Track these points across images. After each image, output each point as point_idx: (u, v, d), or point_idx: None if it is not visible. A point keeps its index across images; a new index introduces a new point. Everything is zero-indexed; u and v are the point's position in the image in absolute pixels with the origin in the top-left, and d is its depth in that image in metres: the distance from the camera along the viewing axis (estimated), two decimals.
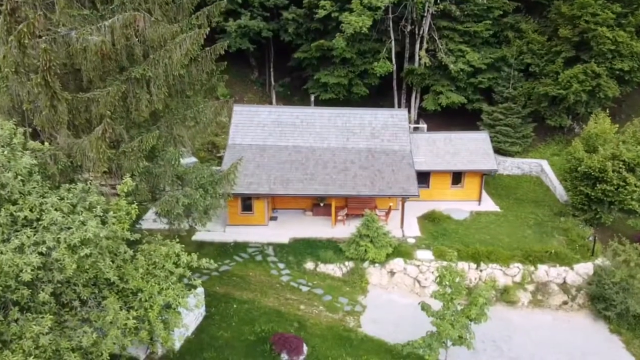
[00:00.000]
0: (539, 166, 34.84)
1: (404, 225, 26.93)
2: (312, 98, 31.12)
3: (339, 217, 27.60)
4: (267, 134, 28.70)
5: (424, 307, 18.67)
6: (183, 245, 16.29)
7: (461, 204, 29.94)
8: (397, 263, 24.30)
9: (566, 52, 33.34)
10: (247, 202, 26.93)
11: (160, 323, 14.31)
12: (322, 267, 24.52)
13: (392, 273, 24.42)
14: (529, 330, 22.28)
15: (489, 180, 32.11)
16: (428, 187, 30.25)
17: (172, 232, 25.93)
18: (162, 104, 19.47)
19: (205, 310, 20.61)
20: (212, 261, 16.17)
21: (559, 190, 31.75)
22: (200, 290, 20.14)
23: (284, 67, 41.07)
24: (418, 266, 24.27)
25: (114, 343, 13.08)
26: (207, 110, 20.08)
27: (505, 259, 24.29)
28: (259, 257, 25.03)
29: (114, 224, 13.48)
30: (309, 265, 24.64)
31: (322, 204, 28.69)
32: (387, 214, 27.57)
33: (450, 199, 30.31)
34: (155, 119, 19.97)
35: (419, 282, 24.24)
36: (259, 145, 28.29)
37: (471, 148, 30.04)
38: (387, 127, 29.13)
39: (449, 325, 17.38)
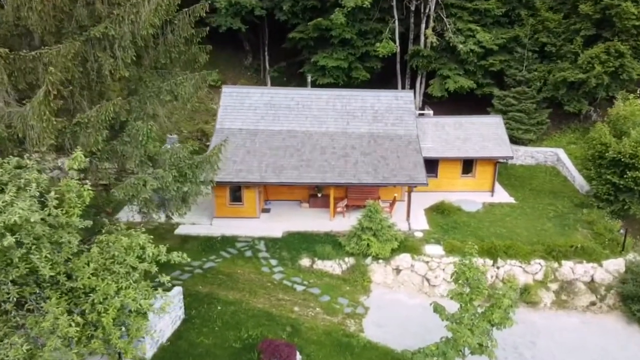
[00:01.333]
0: (554, 155, 32.16)
1: (410, 217, 24.24)
2: (309, 79, 28.58)
3: (338, 209, 24.92)
4: (259, 117, 26.03)
5: (437, 308, 15.97)
6: (152, 237, 13.57)
7: (472, 195, 27.29)
8: (403, 259, 21.62)
9: (586, 30, 30.63)
10: (236, 192, 24.24)
11: (117, 330, 11.60)
12: (320, 264, 21.85)
13: (397, 270, 21.74)
14: (553, 335, 19.61)
15: (501, 170, 29.40)
16: (436, 176, 27.58)
17: (148, 224, 23.47)
18: (135, 75, 17.01)
19: (184, 312, 17.93)
20: (184, 255, 13.45)
21: (579, 181, 29.05)
22: (177, 289, 17.50)
23: (280, 50, 38.36)
24: (427, 262, 21.59)
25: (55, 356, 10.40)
26: (187, 83, 17.38)
27: (525, 255, 21.61)
28: (248, 253, 22.36)
29: (57, 207, 10.82)
30: (305, 261, 21.97)
31: (319, 195, 26.01)
32: (392, 205, 24.91)
33: (461, 190, 27.65)
34: (129, 93, 17.45)
35: (428, 280, 21.56)
36: (250, 130, 25.62)
37: (484, 133, 27.37)
38: (391, 109, 26.45)
39: (468, 331, 14.69)
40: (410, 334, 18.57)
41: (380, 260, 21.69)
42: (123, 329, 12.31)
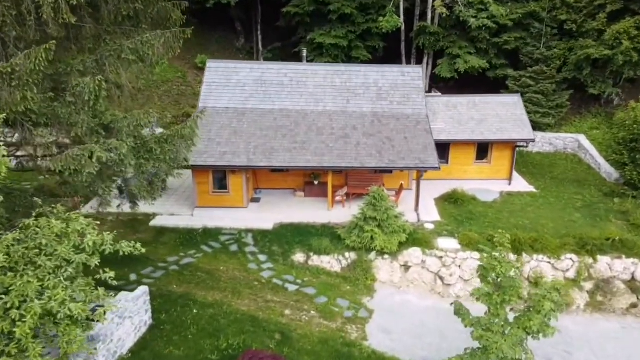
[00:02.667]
0: (575, 142, 29.17)
1: (419, 207, 21.23)
2: (304, 53, 25.64)
3: (337, 198, 21.91)
4: (247, 95, 23.03)
5: (460, 311, 12.99)
6: (97, 223, 10.58)
7: (487, 184, 24.33)
8: (412, 254, 18.61)
9: (612, 4, 27.62)
10: (220, 178, 21.22)
11: (38, 345, 8.57)
12: (316, 260, 18.85)
13: (406, 267, 18.74)
14: (591, 343, 16.61)
15: (517, 158, 26.33)
16: (447, 162, 24.60)
17: (122, 215, 20.45)
18: (91, 31, 14.00)
19: (151, 317, 14.89)
20: (138, 245, 10.50)
21: (605, 168, 26.08)
22: (142, 290, 14.47)
23: (274, 30, 35.38)
24: (440, 258, 18.57)
25: None
26: (155, 42, 14.31)
27: (555, 249, 18.60)
28: (233, 247, 19.35)
29: None
30: (299, 257, 18.96)
31: (316, 182, 23.00)
32: (398, 194, 21.91)
33: (474, 178, 24.66)
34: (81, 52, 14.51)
35: (441, 278, 18.55)
36: (237, 109, 22.62)
37: (501, 114, 24.37)
38: (396, 87, 23.45)
39: (502, 340, 11.71)
40: (424, 342, 15.58)
41: (386, 256, 18.68)
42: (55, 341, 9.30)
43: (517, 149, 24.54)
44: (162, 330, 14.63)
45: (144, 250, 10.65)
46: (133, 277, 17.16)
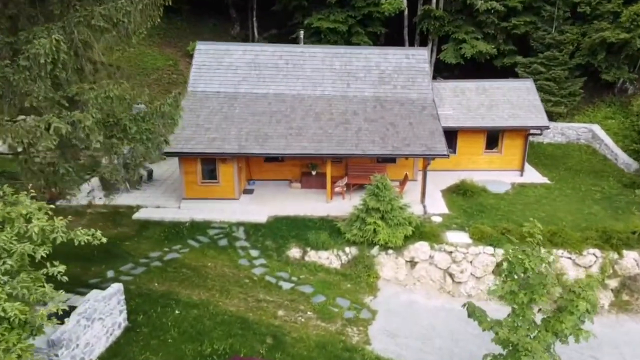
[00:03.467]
0: (589, 132, 27.49)
1: (425, 199, 19.54)
2: (301, 35, 23.98)
3: (337, 189, 20.22)
4: (240, 78, 21.35)
5: (475, 312, 11.31)
6: (52, 206, 8.88)
7: (498, 175, 22.66)
8: (419, 249, 16.93)
9: None
10: (210, 168, 19.51)
11: None
12: (313, 255, 17.18)
13: (412, 263, 17.05)
14: (620, 347, 14.94)
15: (528, 149, 24.64)
16: (454, 152, 22.90)
17: (104, 207, 18.80)
18: None
19: (126, 319, 13.19)
20: (98, 234, 8.80)
21: (623, 159, 24.43)
22: (115, 287, 12.79)
23: (270, 16, 33.68)
24: (450, 253, 16.88)
25: None
26: (131, 8, 12.62)
27: (576, 243, 16.92)
28: (223, 242, 17.66)
29: None
30: (294, 252, 17.29)
31: (313, 172, 21.32)
32: (402, 185, 20.22)
33: (484, 168, 22.98)
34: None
35: (451, 276, 16.86)
36: (229, 93, 20.93)
37: (513, 99, 22.70)
38: (400, 70, 21.77)
39: (536, 344, 10.06)
40: (433, 347, 13.90)
41: (390, 251, 17.00)
42: None
43: (530, 137, 22.83)
44: (138, 333, 12.94)
45: (104, 240, 8.94)
46: (110, 274, 15.47)
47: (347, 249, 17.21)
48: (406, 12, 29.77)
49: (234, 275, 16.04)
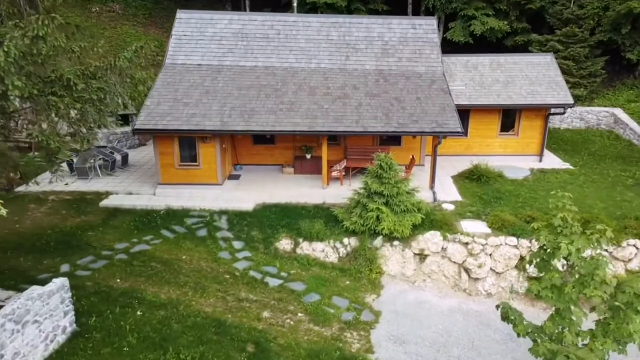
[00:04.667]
0: (610, 116, 25.08)
1: (434, 185, 17.13)
2: (295, 3, 21.57)
3: (334, 173, 17.81)
4: (225, 50, 18.94)
5: (508, 313, 8.96)
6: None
7: (514, 160, 20.28)
8: (430, 239, 14.50)
9: None
10: (189, 148, 17.09)
11: None
12: (306, 247, 14.77)
13: (422, 256, 14.63)
14: None
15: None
16: (466, 134, 20.50)
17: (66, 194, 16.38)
18: None
19: (74, 321, 10.74)
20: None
21: None
22: (57, 283, 10.33)
23: None
24: (466, 244, 14.46)
25: None
26: None
27: (612, 233, 14.45)
28: (202, 232, 15.25)
29: None
30: (284, 243, 14.89)
31: (308, 156, 18.91)
32: (409, 168, 17.82)
33: (498, 153, 20.59)
34: None
35: (467, 271, 14.43)
36: (213, 66, 18.52)
37: (531, 75, 20.29)
38: (406, 41, 19.36)
39: (588, 355, 7.68)
40: (450, 356, 11.46)
41: (396, 242, 14.58)
42: None
43: (549, 119, 20.43)
44: (88, 339, 10.49)
45: (4, 213, 6.44)
46: (65, 268, 13.07)
47: (345, 240, 14.79)
48: None
49: (212, 270, 13.61)
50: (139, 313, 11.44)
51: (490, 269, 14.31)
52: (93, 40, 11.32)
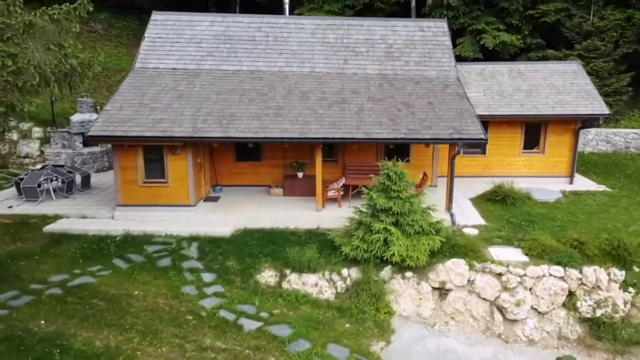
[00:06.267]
0: None
1: (452, 206, 14.14)
2: (287, 4, 19.26)
3: (331, 193, 14.85)
4: (204, 53, 16.41)
5: None
6: None
7: (540, 182, 17.38)
8: (453, 269, 11.37)
9: None
10: (154, 160, 14.16)
11: None
12: (294, 280, 11.64)
13: (443, 291, 11.45)
14: None
15: None
16: (483, 152, 17.73)
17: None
18: None
19: None
20: None
21: None
22: None
23: (254, 7, 29.15)
24: (499, 276, 11.32)
25: None
26: None
27: None
28: (164, 261, 12.14)
29: None
30: (267, 276, 11.76)
31: (300, 174, 16.00)
32: (419, 187, 14.85)
33: (521, 174, 17.73)
34: None
35: (502, 310, 11.23)
36: (189, 70, 15.91)
37: (557, 84, 17.70)
38: (413, 44, 16.87)
39: None
40: None
41: (410, 272, 11.46)
42: None
43: (582, 129, 17.71)
44: None
45: None
46: None
47: (344, 271, 11.67)
48: (414, 3, 25.30)
49: (171, 309, 10.42)
50: None
51: (532, 307, 11.12)
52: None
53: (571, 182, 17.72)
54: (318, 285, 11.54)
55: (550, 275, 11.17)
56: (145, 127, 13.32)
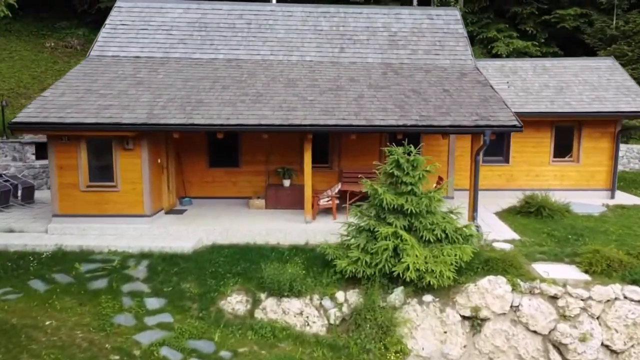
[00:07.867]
0: None
1: (476, 216, 11.14)
2: None
3: (323, 201, 11.87)
4: (175, 41, 13.84)
5: None
6: None
7: (575, 195, 14.40)
8: (490, 290, 8.25)
9: None
10: (100, 158, 11.22)
11: None
12: (272, 308, 8.50)
13: (477, 321, 8.27)
14: None
15: None
16: (507, 160, 14.90)
17: None
18: None
19: None
20: None
21: None
22: None
23: None
24: (554, 299, 8.18)
25: None
26: None
27: None
28: (98, 283, 9.03)
29: None
30: (234, 301, 8.64)
31: (287, 182, 13.05)
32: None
33: (552, 187, 14.75)
34: None
35: (559, 348, 8.03)
36: (155, 58, 13.29)
37: (591, 80, 15.07)
38: (421, 32, 14.37)
39: None
40: None
41: (429, 295, 8.33)
42: None
43: (623, 132, 14.95)
44: None
45: None
46: None
47: (340, 295, 8.55)
48: None
49: (91, 346, 7.27)
50: None
51: (602, 344, 7.94)
52: None
53: (612, 196, 14.78)
54: (304, 314, 8.40)
55: (626, 298, 8.08)
56: (86, 113, 10.49)
